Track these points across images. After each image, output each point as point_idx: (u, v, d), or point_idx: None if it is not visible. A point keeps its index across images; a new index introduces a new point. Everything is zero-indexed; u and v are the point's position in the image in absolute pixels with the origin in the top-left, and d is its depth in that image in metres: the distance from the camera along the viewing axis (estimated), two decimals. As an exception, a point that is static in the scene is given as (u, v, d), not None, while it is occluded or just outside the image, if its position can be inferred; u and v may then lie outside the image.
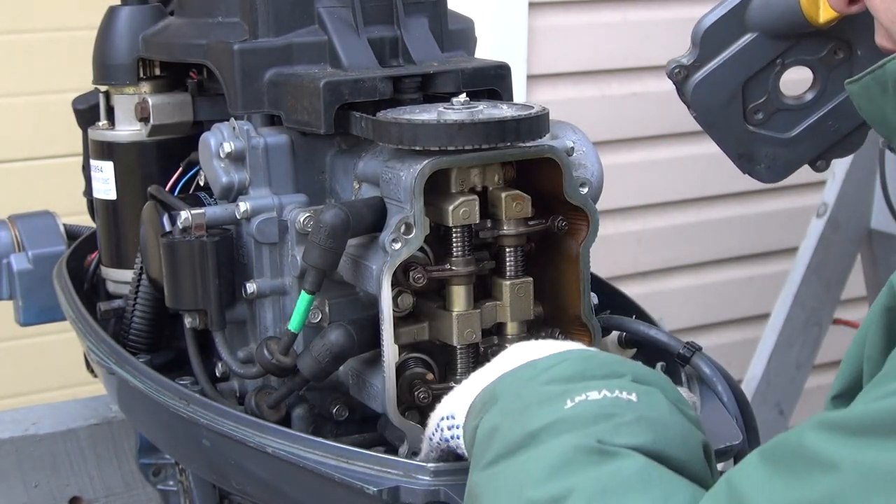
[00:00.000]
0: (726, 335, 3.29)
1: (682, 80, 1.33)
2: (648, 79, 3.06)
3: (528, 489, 0.89)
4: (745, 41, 1.31)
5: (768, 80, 1.33)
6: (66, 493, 1.73)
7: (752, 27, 1.31)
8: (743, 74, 1.32)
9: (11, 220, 1.73)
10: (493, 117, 1.15)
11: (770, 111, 1.34)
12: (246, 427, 1.16)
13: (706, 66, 1.32)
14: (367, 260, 1.17)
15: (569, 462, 0.89)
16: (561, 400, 0.93)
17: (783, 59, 1.32)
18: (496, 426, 0.96)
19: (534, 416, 0.93)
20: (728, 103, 1.33)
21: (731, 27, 1.31)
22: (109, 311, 1.46)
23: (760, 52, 1.32)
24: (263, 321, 1.28)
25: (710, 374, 1.22)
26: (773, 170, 1.36)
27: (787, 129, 1.35)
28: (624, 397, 0.92)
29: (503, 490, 0.91)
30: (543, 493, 0.88)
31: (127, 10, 1.43)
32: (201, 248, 1.24)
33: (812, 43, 1.32)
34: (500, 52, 2.78)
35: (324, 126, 1.21)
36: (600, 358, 0.99)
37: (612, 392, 0.92)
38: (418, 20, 1.33)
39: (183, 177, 1.41)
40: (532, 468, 0.90)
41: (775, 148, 1.35)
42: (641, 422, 0.91)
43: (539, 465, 0.90)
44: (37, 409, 1.79)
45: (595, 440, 0.89)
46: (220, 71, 1.28)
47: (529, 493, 0.89)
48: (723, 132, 1.34)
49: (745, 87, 1.33)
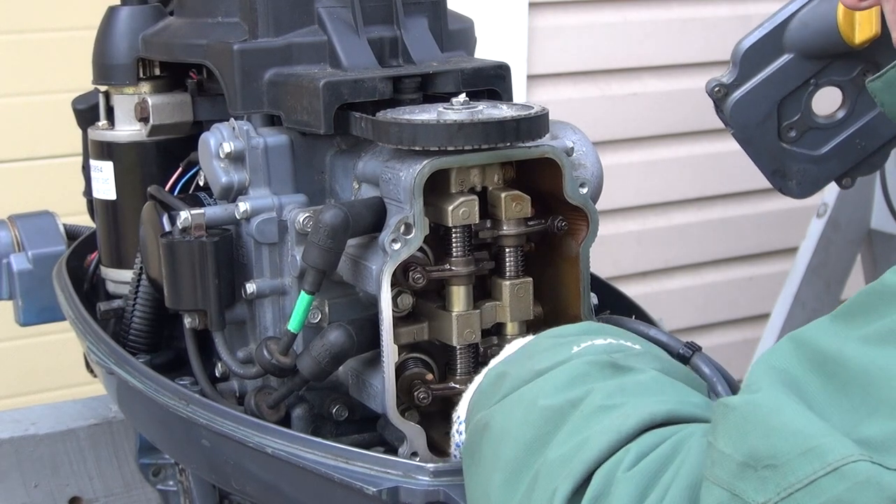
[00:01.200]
0: (726, 335, 3.29)
1: (722, 99, 1.38)
2: (648, 79, 3.06)
3: (543, 398, 0.90)
4: (781, 62, 1.37)
5: (802, 99, 1.39)
6: (65, 493, 1.73)
7: (788, 48, 1.36)
8: (779, 94, 1.39)
9: (11, 220, 1.73)
10: (493, 117, 1.15)
11: (802, 129, 1.39)
12: (246, 427, 1.16)
13: (744, 85, 1.38)
14: (366, 260, 1.17)
15: (585, 374, 0.91)
16: (567, 346, 0.95)
17: (816, 80, 1.39)
18: (504, 372, 0.97)
19: (542, 359, 0.95)
20: (764, 121, 1.38)
21: (770, 48, 1.37)
22: (109, 311, 1.46)
23: (796, 73, 1.38)
24: (263, 321, 1.28)
25: (710, 374, 1.22)
26: (803, 186, 1.42)
27: (817, 147, 1.41)
28: (629, 345, 0.95)
29: (516, 408, 0.92)
30: (559, 399, 0.89)
31: (127, 10, 1.43)
32: (201, 249, 1.24)
33: (844, 64, 1.39)
34: (500, 52, 2.78)
35: (323, 126, 1.21)
36: (605, 327, 1.01)
37: (616, 339, 0.96)
38: (418, 20, 1.33)
39: (183, 177, 1.41)
40: (546, 384, 0.91)
41: (806, 165, 1.41)
42: (649, 356, 0.95)
43: (553, 380, 0.91)
44: (37, 409, 1.79)
45: (609, 358, 0.92)
46: (219, 71, 1.28)
47: (544, 401, 0.89)
48: (758, 149, 1.39)
49: (780, 106, 1.39)
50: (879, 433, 0.73)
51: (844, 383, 0.76)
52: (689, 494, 0.79)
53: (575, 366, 0.91)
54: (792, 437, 0.74)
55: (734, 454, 0.76)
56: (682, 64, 3.13)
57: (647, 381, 0.89)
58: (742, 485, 0.75)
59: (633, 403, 0.86)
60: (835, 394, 0.76)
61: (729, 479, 0.76)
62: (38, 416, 1.76)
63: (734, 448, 0.76)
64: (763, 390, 0.78)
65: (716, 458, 0.77)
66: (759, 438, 0.75)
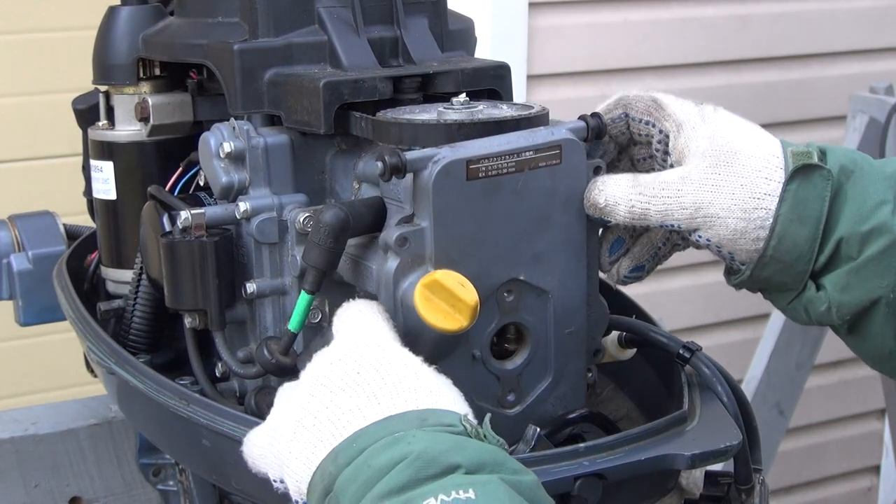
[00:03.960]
0: (726, 335, 3.29)
1: None
2: (648, 79, 3.06)
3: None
4: None
5: None
6: (66, 493, 1.72)
7: None
8: None
9: (11, 220, 1.72)
10: (493, 117, 1.15)
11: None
12: (246, 427, 1.16)
13: None
14: (367, 260, 1.17)
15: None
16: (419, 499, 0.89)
17: None
18: (332, 489, 0.94)
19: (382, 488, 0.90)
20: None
21: None
22: (109, 311, 1.46)
23: None
24: (263, 321, 1.28)
25: (709, 374, 1.22)
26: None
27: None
28: (462, 498, 0.88)
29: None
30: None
31: (127, 10, 1.43)
32: (201, 248, 1.24)
33: None
34: (500, 52, 2.78)
35: (324, 126, 1.21)
36: (434, 449, 0.92)
37: (448, 495, 0.88)
38: (418, 20, 1.33)
39: (183, 177, 1.41)
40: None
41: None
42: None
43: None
44: (37, 409, 1.79)
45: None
46: (219, 71, 1.28)
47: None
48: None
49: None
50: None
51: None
52: None
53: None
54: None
55: None
56: (682, 64, 3.13)
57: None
58: None
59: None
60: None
61: None
62: (38, 416, 1.76)
63: None
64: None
65: None
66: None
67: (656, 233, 1.25)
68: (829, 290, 1.16)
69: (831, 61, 3.35)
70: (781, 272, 1.17)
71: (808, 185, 1.15)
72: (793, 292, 1.18)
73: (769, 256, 1.16)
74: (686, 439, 1.14)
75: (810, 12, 3.29)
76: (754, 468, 1.21)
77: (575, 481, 1.07)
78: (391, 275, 1.11)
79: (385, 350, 1.02)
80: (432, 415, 0.96)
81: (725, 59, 3.19)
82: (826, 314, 1.17)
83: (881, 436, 3.40)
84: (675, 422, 1.16)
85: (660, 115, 1.23)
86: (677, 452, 1.11)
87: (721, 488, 1.21)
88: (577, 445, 1.10)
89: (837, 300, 1.16)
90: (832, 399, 3.52)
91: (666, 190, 1.16)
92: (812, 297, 1.17)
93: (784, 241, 1.15)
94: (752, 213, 1.15)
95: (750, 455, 1.20)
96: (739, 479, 1.20)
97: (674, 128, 1.21)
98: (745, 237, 1.16)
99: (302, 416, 1.00)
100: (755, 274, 1.18)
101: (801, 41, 3.29)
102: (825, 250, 1.16)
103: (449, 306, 1.08)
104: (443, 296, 1.08)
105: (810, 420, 3.50)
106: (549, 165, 1.14)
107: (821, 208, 1.15)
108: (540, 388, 1.19)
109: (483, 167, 1.11)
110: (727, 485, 1.21)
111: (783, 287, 1.18)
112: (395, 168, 1.08)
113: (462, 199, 1.11)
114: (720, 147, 1.17)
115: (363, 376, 0.99)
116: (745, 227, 1.15)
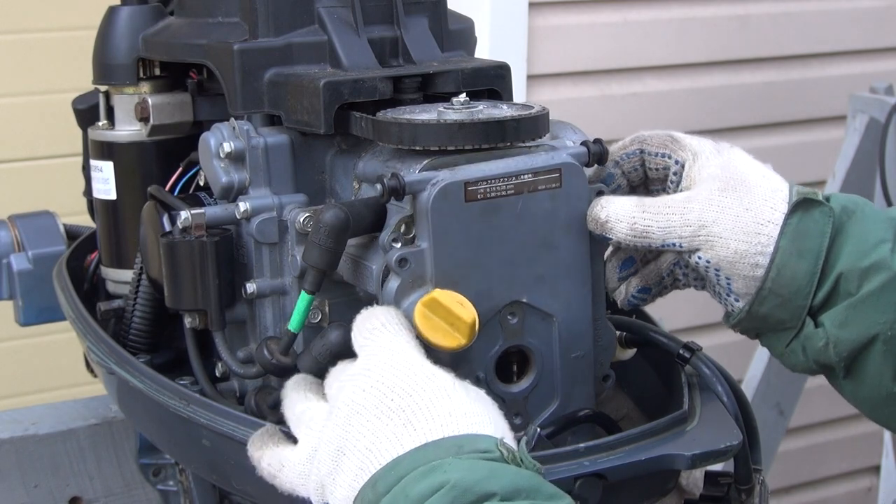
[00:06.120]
0: (726, 335, 3.27)
1: None
2: (648, 79, 3.06)
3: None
4: None
5: None
6: (66, 493, 1.72)
7: None
8: None
9: (11, 220, 1.73)
10: (493, 117, 1.15)
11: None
12: (246, 427, 1.16)
13: None
14: (367, 260, 1.17)
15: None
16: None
17: None
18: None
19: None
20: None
21: None
22: (109, 311, 1.46)
23: None
24: (263, 321, 1.28)
25: (709, 374, 1.22)
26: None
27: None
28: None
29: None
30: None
31: (127, 10, 1.43)
32: (201, 248, 1.24)
33: None
34: (500, 52, 2.78)
35: (324, 126, 1.21)
36: (470, 478, 0.93)
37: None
38: (418, 20, 1.33)
39: (183, 177, 1.41)
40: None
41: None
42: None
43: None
44: (37, 409, 1.79)
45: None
46: (220, 71, 1.28)
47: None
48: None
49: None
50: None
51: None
52: None
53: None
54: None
55: None
56: (682, 64, 3.13)
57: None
58: None
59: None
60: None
61: None
62: (38, 416, 1.76)
63: None
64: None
65: None
66: None
67: (662, 261, 1.25)
68: (827, 326, 1.16)
69: (831, 61, 3.35)
70: (780, 308, 1.17)
71: (808, 219, 1.16)
72: (791, 331, 1.18)
73: (767, 289, 1.16)
74: (686, 439, 1.14)
75: (810, 12, 3.30)
76: (754, 468, 1.21)
77: (575, 481, 1.07)
78: (392, 295, 1.11)
79: (415, 372, 1.03)
80: (468, 441, 0.97)
81: (725, 59, 3.19)
82: (824, 350, 1.17)
83: (881, 436, 3.39)
84: (675, 422, 1.16)
85: (675, 146, 1.24)
86: (677, 452, 1.12)
87: (721, 488, 1.21)
88: (577, 445, 1.10)
89: (836, 336, 1.16)
90: (832, 399, 3.50)
91: (671, 208, 1.17)
92: (810, 333, 1.17)
93: (783, 273, 1.15)
94: (754, 237, 1.15)
95: (750, 455, 1.20)
96: (739, 479, 1.20)
97: (690, 157, 1.22)
98: (744, 261, 1.16)
99: (341, 445, 1.01)
100: (753, 310, 1.17)
101: (801, 41, 3.29)
102: (824, 286, 1.16)
103: (448, 325, 1.08)
104: (442, 314, 1.08)
105: (810, 420, 3.50)
106: (548, 189, 1.14)
107: (821, 243, 1.15)
108: (547, 412, 1.19)
109: (481, 189, 1.11)
110: (727, 485, 1.21)
111: (781, 325, 1.18)
112: (394, 190, 1.09)
113: (461, 221, 1.11)
114: (730, 174, 1.18)
115: (397, 402, 1.00)
116: (747, 249, 1.15)
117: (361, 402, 1.02)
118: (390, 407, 1.00)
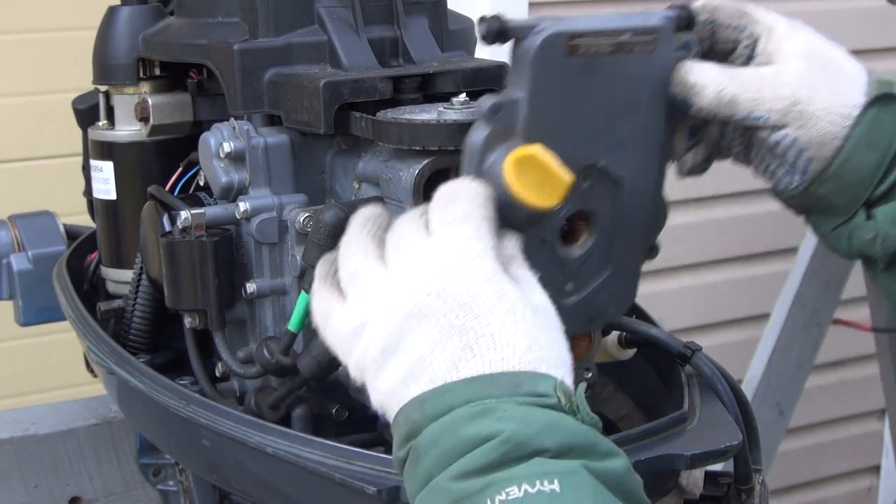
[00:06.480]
0: (726, 335, 3.29)
1: None
2: (648, 79, 3.05)
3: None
4: None
5: None
6: (66, 493, 1.73)
7: None
8: None
9: (11, 220, 1.73)
10: (493, 117, 1.14)
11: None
12: (246, 427, 1.16)
13: None
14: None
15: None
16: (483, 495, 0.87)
17: None
18: (418, 448, 0.91)
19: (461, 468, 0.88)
20: None
21: None
22: (109, 311, 1.46)
23: None
24: (263, 321, 1.28)
25: (710, 374, 1.22)
26: None
27: None
28: (546, 490, 0.86)
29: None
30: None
31: (127, 10, 1.43)
32: (201, 248, 1.24)
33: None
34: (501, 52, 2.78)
35: (324, 126, 1.21)
36: (524, 431, 0.89)
37: (532, 486, 0.86)
38: (418, 20, 1.33)
39: (183, 177, 1.41)
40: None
41: None
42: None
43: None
44: (37, 409, 1.79)
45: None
46: (220, 71, 1.28)
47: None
48: None
49: None
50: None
51: None
52: None
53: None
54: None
55: None
56: (681, 64, 3.12)
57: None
58: None
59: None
60: None
61: None
62: (38, 416, 1.76)
63: None
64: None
65: None
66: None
67: (713, 129, 1.21)
68: (879, 219, 1.16)
69: (831, 61, 3.34)
70: (837, 192, 1.16)
71: (885, 113, 1.15)
72: (842, 217, 1.17)
73: (831, 173, 1.15)
74: (686, 439, 1.14)
75: (810, 12, 3.29)
76: (754, 468, 1.21)
77: (575, 481, 1.07)
78: (479, 145, 1.04)
79: (487, 290, 0.95)
80: (527, 380, 0.92)
81: (725, 59, 3.19)
82: (870, 244, 1.16)
83: (881, 436, 3.40)
84: (675, 422, 1.16)
85: (749, 19, 1.21)
86: (677, 452, 1.11)
87: (721, 488, 1.21)
88: (577, 445, 1.10)
89: (886, 231, 1.15)
90: (832, 399, 3.52)
91: (762, 80, 1.15)
92: (861, 223, 1.16)
93: (850, 161, 1.15)
94: (845, 119, 1.15)
95: (750, 455, 1.20)
96: (739, 479, 1.20)
97: (765, 31, 1.19)
98: (832, 143, 1.15)
99: (393, 342, 0.95)
100: (811, 189, 1.16)
101: (801, 41, 3.28)
102: (886, 181, 1.15)
103: (539, 183, 1.01)
104: (535, 171, 1.01)
105: (810, 420, 3.50)
106: (643, 50, 1.11)
107: (892, 140, 1.15)
108: (599, 278, 1.15)
109: (583, 44, 1.07)
110: (727, 485, 1.21)
111: (833, 210, 1.17)
112: (499, 33, 1.04)
113: (559, 75, 1.06)
114: (819, 53, 1.17)
115: (461, 321, 0.93)
116: (837, 132, 1.14)
117: (424, 306, 0.94)
118: (452, 324, 0.93)
